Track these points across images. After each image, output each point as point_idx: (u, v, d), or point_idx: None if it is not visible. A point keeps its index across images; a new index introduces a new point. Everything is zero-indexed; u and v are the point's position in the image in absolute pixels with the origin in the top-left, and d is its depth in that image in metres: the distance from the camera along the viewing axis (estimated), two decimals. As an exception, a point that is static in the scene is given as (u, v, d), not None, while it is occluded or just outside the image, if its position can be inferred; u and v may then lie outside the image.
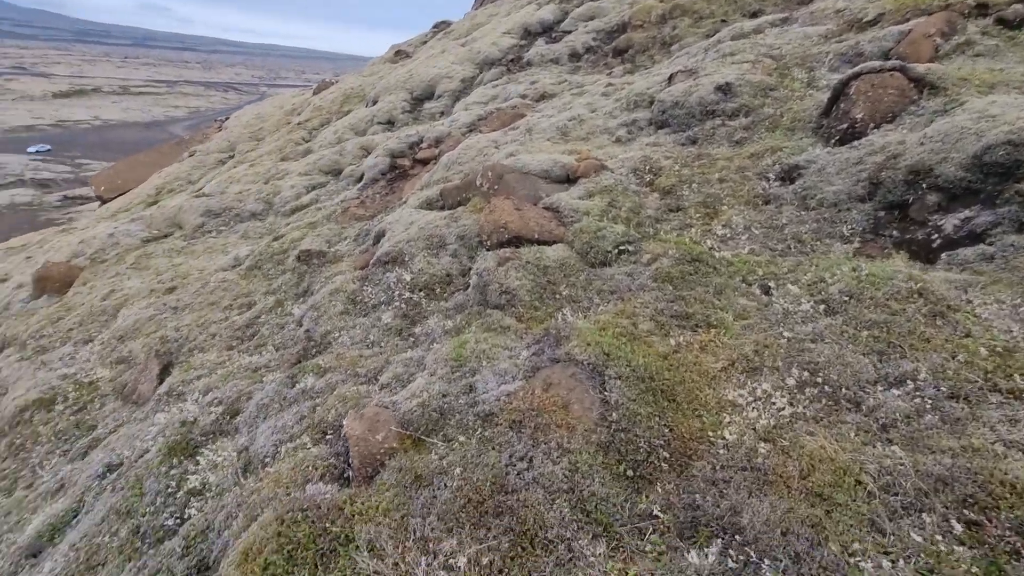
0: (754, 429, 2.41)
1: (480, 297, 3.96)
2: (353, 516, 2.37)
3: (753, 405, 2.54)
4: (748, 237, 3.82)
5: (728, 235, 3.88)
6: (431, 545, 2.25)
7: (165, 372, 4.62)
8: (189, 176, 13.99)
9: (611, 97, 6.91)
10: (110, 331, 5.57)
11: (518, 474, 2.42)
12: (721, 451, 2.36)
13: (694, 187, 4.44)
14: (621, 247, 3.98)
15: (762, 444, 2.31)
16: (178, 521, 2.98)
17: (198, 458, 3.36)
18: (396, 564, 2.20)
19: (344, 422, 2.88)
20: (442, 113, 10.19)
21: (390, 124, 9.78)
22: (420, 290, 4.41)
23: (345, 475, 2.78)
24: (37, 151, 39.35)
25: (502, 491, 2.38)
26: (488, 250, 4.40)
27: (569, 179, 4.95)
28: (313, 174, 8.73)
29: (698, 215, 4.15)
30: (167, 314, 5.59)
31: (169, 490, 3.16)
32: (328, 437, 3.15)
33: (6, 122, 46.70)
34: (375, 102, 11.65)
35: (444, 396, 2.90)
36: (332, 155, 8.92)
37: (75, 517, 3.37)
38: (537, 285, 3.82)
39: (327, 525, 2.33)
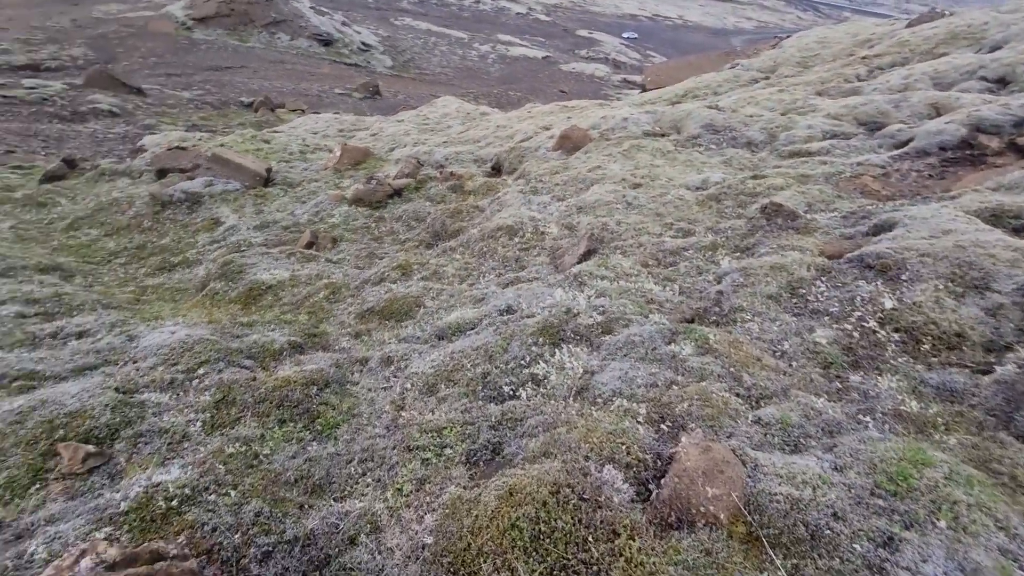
0: None
1: (1003, 403, 2.28)
2: (618, 554, 1.80)
3: None
4: None
5: None
6: None
7: (587, 256, 4.87)
8: (717, 88, 13.99)
9: None
10: (577, 199, 6.27)
11: None
12: None
13: None
14: None
15: None
16: (511, 394, 3.12)
17: (556, 351, 3.38)
18: (622, 666, 1.57)
19: (683, 438, 2.20)
20: (1112, 87, 6.26)
21: (1001, 83, 6.67)
22: (897, 330, 2.93)
23: (647, 486, 2.19)
24: (627, 37, 47.81)
25: None
26: (1073, 338, 2.43)
27: None
28: (843, 120, 7.05)
29: None
30: (620, 206, 5.82)
31: (522, 363, 3.32)
32: (663, 427, 2.56)
33: (620, 8, 57.89)
34: (995, 48, 8.19)
35: (835, 517, 1.79)
36: (883, 104, 6.88)
37: (471, 330, 4.05)
38: None
39: (588, 537, 1.85)
